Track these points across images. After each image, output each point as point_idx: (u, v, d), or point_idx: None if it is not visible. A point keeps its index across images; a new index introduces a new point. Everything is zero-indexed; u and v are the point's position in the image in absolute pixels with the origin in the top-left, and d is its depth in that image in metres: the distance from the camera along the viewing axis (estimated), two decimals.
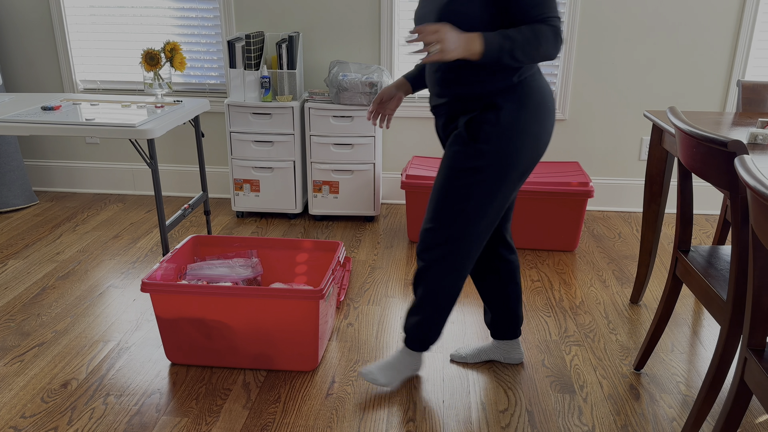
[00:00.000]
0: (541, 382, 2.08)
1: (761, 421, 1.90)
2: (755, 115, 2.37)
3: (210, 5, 3.51)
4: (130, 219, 3.49)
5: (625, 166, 3.62)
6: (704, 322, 2.47)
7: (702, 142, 1.56)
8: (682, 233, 1.93)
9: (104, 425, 1.85)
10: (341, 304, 2.57)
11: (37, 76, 3.73)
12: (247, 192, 3.42)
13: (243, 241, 2.42)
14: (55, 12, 3.56)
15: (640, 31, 3.36)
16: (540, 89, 1.75)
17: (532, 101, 1.73)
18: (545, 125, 1.77)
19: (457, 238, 1.80)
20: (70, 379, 2.07)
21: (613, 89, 3.48)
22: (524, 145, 1.74)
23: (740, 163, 1.26)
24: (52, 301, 2.58)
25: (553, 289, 2.73)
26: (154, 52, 2.77)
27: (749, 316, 1.42)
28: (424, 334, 1.96)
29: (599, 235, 3.33)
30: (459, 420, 1.89)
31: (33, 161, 3.92)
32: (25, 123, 2.37)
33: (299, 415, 1.90)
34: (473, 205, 1.77)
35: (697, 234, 3.35)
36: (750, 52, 3.34)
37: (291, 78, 3.32)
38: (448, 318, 2.03)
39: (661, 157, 2.36)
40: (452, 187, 1.77)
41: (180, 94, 3.70)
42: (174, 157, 3.83)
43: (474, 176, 1.75)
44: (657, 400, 2.00)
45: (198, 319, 2.05)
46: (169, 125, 2.46)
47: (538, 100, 1.74)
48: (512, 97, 1.72)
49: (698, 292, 1.81)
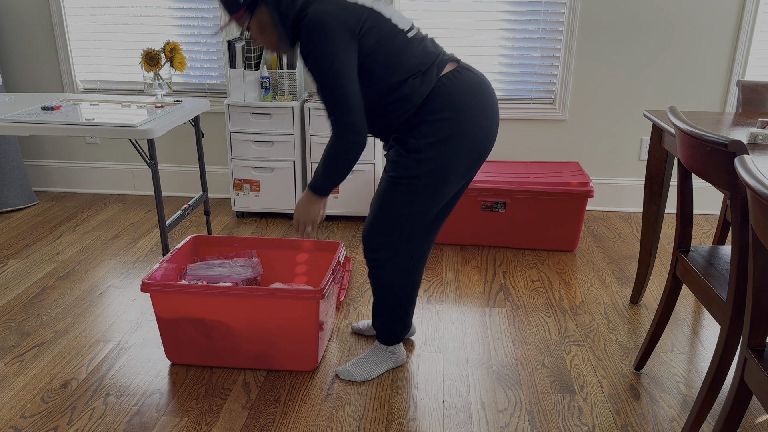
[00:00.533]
0: (541, 382, 2.08)
1: (761, 421, 1.90)
2: (755, 115, 2.37)
3: (210, 5, 3.51)
4: (130, 219, 3.49)
5: (625, 166, 3.62)
6: (704, 322, 2.47)
7: (702, 142, 1.56)
8: (682, 233, 1.93)
9: (104, 425, 1.85)
10: (341, 304, 2.57)
11: (37, 76, 3.73)
12: (247, 192, 3.42)
13: (243, 241, 2.42)
14: (55, 12, 3.56)
15: (640, 31, 3.36)
16: (455, 94, 1.76)
17: (450, 105, 1.75)
18: (477, 122, 1.78)
19: (401, 240, 1.90)
20: (70, 379, 2.07)
21: (613, 89, 3.48)
22: (459, 147, 1.78)
23: (740, 163, 1.26)
24: (52, 301, 2.58)
25: (553, 289, 2.73)
26: (154, 52, 2.77)
27: (749, 316, 1.42)
28: (391, 328, 2.07)
29: (599, 235, 3.33)
30: (459, 420, 1.89)
31: (33, 161, 3.92)
32: (25, 123, 2.37)
33: (299, 415, 1.90)
34: (415, 210, 1.84)
35: (697, 234, 3.35)
36: (750, 52, 3.34)
37: (291, 78, 3.32)
38: (413, 309, 2.11)
39: (661, 157, 2.36)
40: (394, 195, 1.83)
41: (180, 94, 3.70)
42: (174, 157, 3.83)
43: (414, 183, 1.80)
44: (657, 400, 2.00)
45: (198, 319, 2.05)
46: (169, 125, 2.46)
47: (457, 103, 1.76)
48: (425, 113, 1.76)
49: (698, 292, 1.81)
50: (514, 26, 3.41)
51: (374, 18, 1.71)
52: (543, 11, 3.37)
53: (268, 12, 1.70)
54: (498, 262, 2.98)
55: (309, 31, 1.63)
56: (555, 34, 3.41)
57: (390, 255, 1.92)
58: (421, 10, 3.41)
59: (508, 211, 3.07)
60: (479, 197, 3.05)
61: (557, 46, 3.43)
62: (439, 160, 1.77)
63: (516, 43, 3.44)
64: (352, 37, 1.66)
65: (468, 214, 3.09)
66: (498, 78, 3.52)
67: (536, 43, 3.43)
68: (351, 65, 1.67)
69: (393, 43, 1.72)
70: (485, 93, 1.81)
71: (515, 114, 3.52)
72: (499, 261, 3.00)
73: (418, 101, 1.75)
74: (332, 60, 1.63)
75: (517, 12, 3.38)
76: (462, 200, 3.07)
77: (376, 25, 1.70)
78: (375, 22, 1.70)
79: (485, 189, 3.02)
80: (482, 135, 1.81)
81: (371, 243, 1.92)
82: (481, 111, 1.79)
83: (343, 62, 1.64)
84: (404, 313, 2.05)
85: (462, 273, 2.87)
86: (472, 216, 3.09)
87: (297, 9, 1.69)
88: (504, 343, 2.31)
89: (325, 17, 1.63)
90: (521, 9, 3.37)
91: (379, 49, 1.70)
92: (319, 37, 1.62)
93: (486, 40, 3.45)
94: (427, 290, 2.70)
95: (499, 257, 3.04)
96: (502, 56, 3.47)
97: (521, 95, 3.55)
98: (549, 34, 3.42)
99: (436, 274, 2.85)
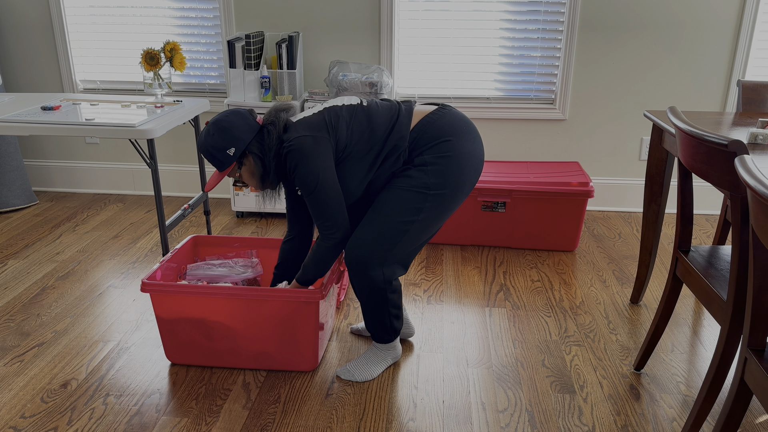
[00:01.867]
0: (541, 382, 2.08)
1: (761, 421, 1.90)
2: (755, 115, 2.37)
3: (210, 5, 3.51)
4: (130, 219, 3.49)
5: (625, 166, 3.62)
6: (704, 322, 2.47)
7: (702, 142, 1.56)
8: (682, 233, 1.93)
9: (104, 425, 1.85)
10: (341, 304, 2.57)
11: (37, 76, 3.72)
12: (247, 192, 3.42)
13: (243, 241, 2.42)
14: (55, 12, 3.56)
15: (640, 31, 3.36)
16: (446, 124, 1.91)
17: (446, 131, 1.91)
18: (474, 141, 1.94)
19: (394, 248, 1.93)
20: (70, 379, 2.07)
21: (613, 89, 3.48)
22: (465, 164, 1.91)
23: (740, 163, 1.26)
24: (52, 301, 2.58)
25: (553, 289, 2.73)
26: (154, 52, 2.77)
27: (749, 316, 1.42)
28: (390, 326, 2.09)
29: (599, 235, 3.33)
30: (459, 420, 1.89)
31: (33, 161, 3.92)
32: (25, 123, 2.37)
33: (299, 415, 1.90)
34: (421, 218, 1.91)
35: (697, 234, 3.35)
36: (750, 52, 3.34)
37: (291, 78, 3.32)
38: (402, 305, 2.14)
39: (662, 157, 2.36)
40: (405, 201, 1.90)
41: (180, 94, 3.70)
42: (174, 157, 3.83)
43: (425, 192, 1.90)
44: (657, 400, 2.00)
45: (198, 319, 2.04)
46: (169, 125, 2.46)
47: (451, 129, 1.91)
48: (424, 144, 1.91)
49: (698, 292, 1.80)
50: (514, 26, 3.41)
51: (333, 114, 1.90)
52: (543, 11, 3.37)
53: (253, 158, 1.90)
54: (498, 262, 2.98)
55: (291, 157, 1.84)
56: (555, 34, 3.41)
57: (377, 265, 1.94)
58: (421, 9, 3.41)
59: (508, 211, 3.06)
60: (479, 197, 3.05)
61: (557, 46, 3.43)
62: (447, 173, 1.89)
63: (516, 43, 3.44)
64: (329, 146, 1.86)
65: (468, 214, 3.09)
66: (498, 78, 3.52)
67: (536, 43, 3.43)
68: (332, 176, 1.86)
69: (358, 120, 1.91)
70: (470, 123, 1.98)
71: (515, 114, 3.52)
72: (499, 261, 3.00)
73: (404, 144, 1.91)
74: (315, 177, 1.83)
75: (517, 12, 3.38)
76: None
77: (338, 118, 1.89)
78: (336, 116, 1.89)
79: (485, 189, 3.02)
80: (479, 154, 1.95)
81: (361, 253, 1.92)
82: (473, 135, 1.95)
83: (324, 177, 1.84)
84: (398, 309, 2.07)
85: (462, 273, 2.87)
86: (472, 216, 3.09)
87: (276, 143, 1.88)
88: (504, 343, 2.31)
89: (301, 141, 1.83)
90: (521, 9, 3.37)
91: (352, 132, 1.89)
92: (300, 160, 1.82)
93: (486, 40, 3.45)
94: (427, 290, 2.70)
95: (499, 257, 3.04)
96: (502, 56, 3.47)
97: (521, 95, 3.55)
98: (549, 34, 3.42)
99: (436, 274, 2.85)
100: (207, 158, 1.89)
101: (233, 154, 1.87)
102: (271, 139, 1.88)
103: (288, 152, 1.84)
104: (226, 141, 1.86)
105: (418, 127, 1.91)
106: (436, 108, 1.96)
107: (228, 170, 1.92)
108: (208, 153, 1.88)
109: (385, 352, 2.13)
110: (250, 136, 1.89)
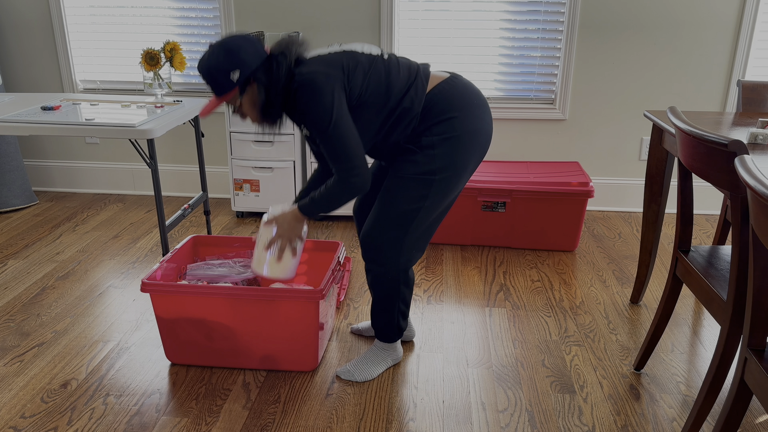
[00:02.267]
0: (541, 382, 2.08)
1: (761, 421, 1.89)
2: (755, 115, 2.37)
3: (210, 5, 3.51)
4: (130, 219, 3.49)
5: (625, 166, 3.62)
6: (704, 322, 2.47)
7: (702, 142, 1.56)
8: (682, 233, 1.93)
9: (104, 425, 1.85)
10: (341, 304, 2.57)
11: (37, 76, 3.72)
12: (247, 192, 3.42)
13: (243, 241, 2.42)
14: (55, 12, 3.56)
15: (640, 31, 3.36)
16: (456, 96, 1.85)
17: (455, 106, 1.84)
18: (482, 118, 1.88)
19: (406, 237, 1.91)
20: (70, 379, 2.07)
21: (613, 89, 3.48)
22: (470, 143, 1.86)
23: (740, 163, 1.26)
24: (52, 301, 2.58)
25: (553, 289, 2.73)
26: (154, 52, 2.77)
27: (749, 316, 1.42)
28: (397, 325, 2.07)
29: (599, 235, 3.33)
30: (459, 420, 1.89)
31: (33, 161, 3.92)
32: (25, 123, 2.37)
33: (299, 415, 1.90)
34: (427, 205, 1.88)
35: (697, 234, 3.35)
36: (750, 52, 3.34)
37: None
38: (410, 304, 2.14)
39: (662, 157, 2.36)
40: (407, 191, 1.86)
41: (180, 94, 3.70)
42: (174, 157, 3.83)
43: (430, 178, 1.85)
44: (657, 400, 2.00)
45: (198, 319, 2.04)
46: (169, 125, 2.46)
47: (460, 103, 1.85)
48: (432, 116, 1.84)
49: (698, 292, 1.80)
50: (514, 26, 3.41)
51: (352, 58, 1.79)
52: (543, 11, 3.37)
53: (257, 87, 1.75)
54: (498, 262, 2.98)
55: (303, 93, 1.70)
56: (555, 34, 3.41)
57: (394, 253, 1.92)
58: (421, 9, 3.41)
59: (508, 211, 3.07)
60: (479, 197, 3.05)
61: (557, 46, 3.43)
62: (453, 155, 1.84)
63: (516, 43, 3.44)
64: (342, 87, 1.74)
65: (468, 214, 3.09)
66: (498, 78, 3.52)
67: (536, 43, 3.43)
68: (346, 115, 1.74)
69: (377, 72, 1.81)
70: (480, 94, 1.92)
71: (515, 114, 3.52)
72: (499, 261, 3.00)
73: (418, 108, 1.83)
74: (329, 116, 1.70)
75: (517, 12, 3.38)
76: (462, 200, 3.07)
77: (356, 64, 1.79)
78: (354, 61, 1.79)
79: (485, 189, 3.02)
80: (487, 130, 1.91)
81: (375, 242, 1.91)
82: (482, 108, 1.89)
83: (338, 115, 1.72)
84: (406, 307, 2.08)
85: (462, 273, 2.87)
86: (472, 216, 3.09)
87: (285, 75, 1.74)
88: (504, 343, 2.31)
89: (314, 77, 1.70)
90: (521, 9, 3.37)
91: (369, 83, 1.79)
92: (313, 96, 1.69)
93: (486, 40, 3.45)
94: (427, 290, 2.70)
95: (499, 257, 3.04)
96: (502, 56, 3.47)
97: (521, 95, 3.55)
98: (549, 34, 3.42)
99: (436, 274, 2.85)
100: (206, 80, 1.72)
101: (236, 79, 1.71)
102: (280, 70, 1.72)
103: (299, 86, 1.70)
104: (230, 63, 1.69)
105: (432, 93, 1.83)
106: (449, 76, 1.88)
107: (227, 96, 1.75)
108: (209, 74, 1.71)
109: (385, 352, 2.13)
110: (257, 63, 1.72)
